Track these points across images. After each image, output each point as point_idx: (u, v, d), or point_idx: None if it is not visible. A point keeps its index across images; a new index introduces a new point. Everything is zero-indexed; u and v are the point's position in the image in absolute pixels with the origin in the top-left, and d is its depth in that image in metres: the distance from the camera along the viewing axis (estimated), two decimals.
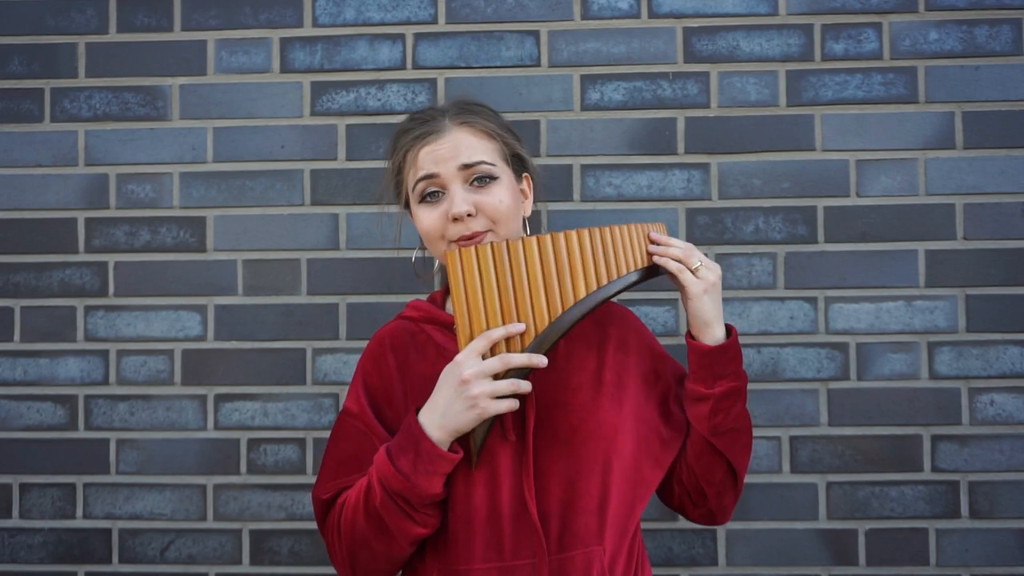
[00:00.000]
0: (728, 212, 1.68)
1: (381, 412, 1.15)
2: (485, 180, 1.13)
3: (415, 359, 1.16)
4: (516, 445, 1.09)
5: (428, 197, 1.14)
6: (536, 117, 1.69)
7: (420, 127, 1.16)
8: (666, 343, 1.46)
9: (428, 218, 1.14)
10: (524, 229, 1.22)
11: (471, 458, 1.07)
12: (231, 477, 1.69)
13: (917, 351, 1.65)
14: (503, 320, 1.05)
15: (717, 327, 1.13)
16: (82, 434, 1.70)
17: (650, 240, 1.14)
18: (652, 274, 1.14)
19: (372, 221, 1.70)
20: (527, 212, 1.23)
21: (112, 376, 1.70)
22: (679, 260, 1.12)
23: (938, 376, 1.65)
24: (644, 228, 1.14)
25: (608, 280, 1.09)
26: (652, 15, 1.70)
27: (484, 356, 1.04)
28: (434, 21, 1.71)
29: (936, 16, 1.67)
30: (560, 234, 1.07)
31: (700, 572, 1.65)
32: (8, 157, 1.73)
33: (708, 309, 1.12)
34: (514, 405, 1.04)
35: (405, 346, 1.18)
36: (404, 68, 1.71)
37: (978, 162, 1.66)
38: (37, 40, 1.74)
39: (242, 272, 1.71)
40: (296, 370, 1.69)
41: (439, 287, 1.29)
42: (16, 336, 1.71)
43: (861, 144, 1.67)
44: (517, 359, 1.03)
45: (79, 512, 1.69)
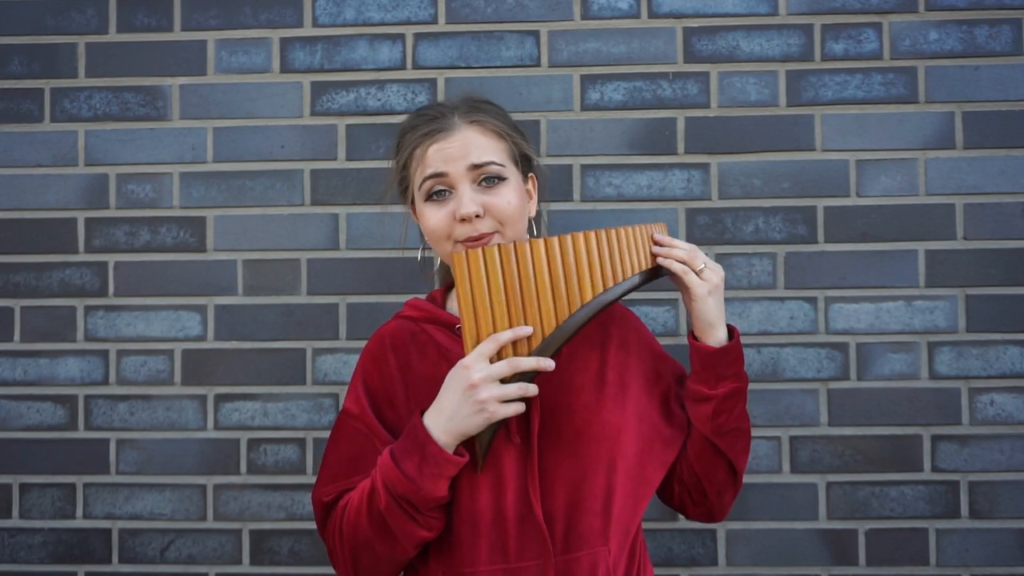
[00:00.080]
0: (728, 212, 1.68)
1: (382, 413, 1.14)
2: (493, 180, 1.12)
3: (416, 360, 1.15)
4: (521, 447, 1.09)
5: (435, 196, 1.13)
6: (536, 117, 1.69)
7: (429, 124, 1.14)
8: (666, 343, 1.46)
9: (435, 217, 1.12)
10: (530, 229, 1.21)
11: (476, 461, 1.07)
12: (231, 477, 1.69)
13: (917, 351, 1.65)
14: (510, 323, 1.04)
15: (720, 328, 1.13)
16: (82, 434, 1.70)
17: (654, 241, 1.14)
18: (655, 275, 1.14)
19: (372, 221, 1.70)
20: (532, 212, 1.22)
21: (112, 376, 1.70)
22: (683, 262, 1.11)
23: (938, 376, 1.65)
24: (648, 229, 1.14)
25: (614, 282, 1.08)
26: (652, 15, 1.70)
27: (491, 359, 1.03)
28: (434, 21, 1.71)
29: (936, 16, 1.67)
30: (567, 236, 1.06)
31: (700, 572, 1.65)
32: (8, 157, 1.73)
33: (712, 311, 1.12)
34: (521, 408, 1.03)
35: (406, 346, 1.17)
36: (404, 68, 1.71)
37: (978, 162, 1.66)
38: (37, 40, 1.74)
39: (242, 272, 1.71)
40: (296, 370, 1.69)
41: (439, 286, 1.28)
42: (16, 336, 1.71)
43: (861, 144, 1.67)
44: (526, 363, 1.02)
45: (79, 512, 1.69)
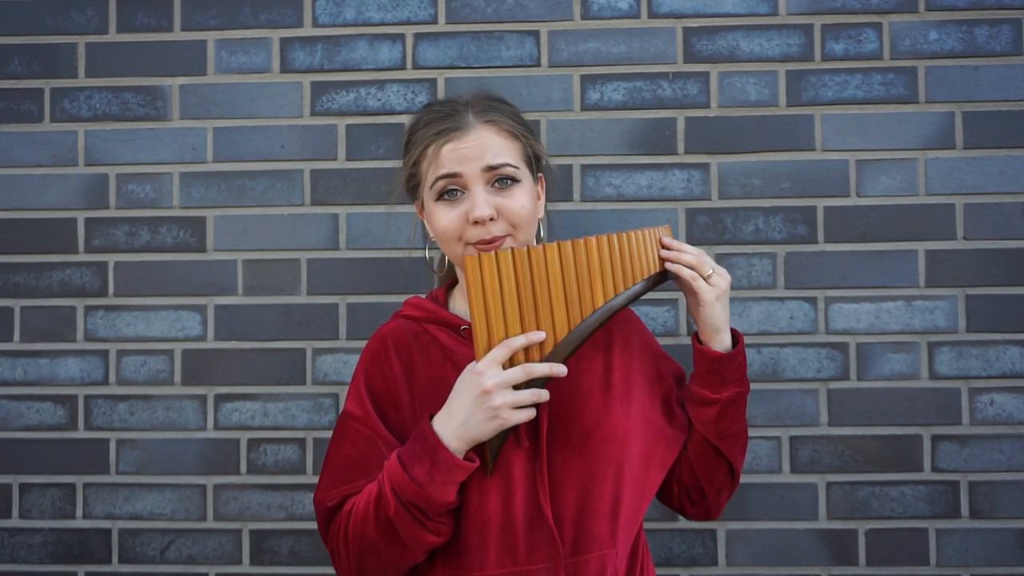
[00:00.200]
0: (728, 212, 1.68)
1: (386, 416, 1.12)
2: (507, 182, 1.10)
3: (420, 361, 1.14)
4: (529, 450, 1.08)
5: (446, 195, 1.10)
6: (536, 117, 1.69)
7: (443, 122, 1.11)
8: (666, 343, 1.46)
9: (446, 218, 1.10)
10: (538, 231, 1.19)
11: (486, 465, 1.06)
12: (231, 477, 1.69)
13: (917, 351, 1.65)
14: (522, 327, 1.03)
15: (726, 333, 1.13)
16: (82, 434, 1.70)
17: (662, 245, 1.13)
18: (662, 279, 1.14)
19: (372, 221, 1.70)
20: (540, 213, 1.20)
21: (112, 376, 1.70)
22: (691, 267, 1.11)
23: (938, 376, 1.65)
24: (655, 233, 1.13)
25: (625, 287, 1.08)
26: (652, 15, 1.70)
27: (503, 365, 1.02)
28: (434, 21, 1.71)
29: (936, 16, 1.67)
30: (580, 241, 1.06)
31: (700, 572, 1.65)
32: (8, 157, 1.73)
33: (719, 316, 1.12)
34: (532, 414, 1.03)
35: (409, 347, 1.15)
36: (404, 68, 1.71)
37: (978, 162, 1.66)
38: (37, 40, 1.74)
39: (242, 272, 1.71)
40: (296, 370, 1.69)
41: (439, 285, 1.27)
42: (16, 336, 1.71)
43: (861, 144, 1.67)
44: (539, 369, 1.01)
45: (79, 512, 1.69)
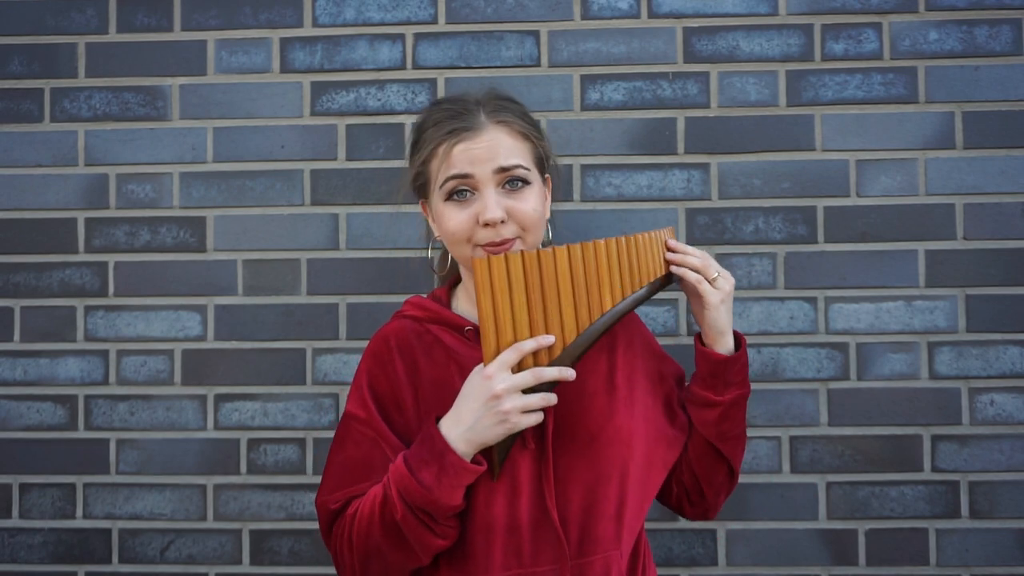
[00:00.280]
0: (728, 212, 1.68)
1: (390, 417, 1.11)
2: (517, 184, 1.09)
3: (424, 362, 1.13)
4: (535, 452, 1.08)
5: (456, 196, 1.09)
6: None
7: (454, 121, 1.10)
8: (666, 343, 1.46)
9: (456, 219, 1.09)
10: (547, 232, 1.18)
11: (493, 468, 1.05)
12: (231, 477, 1.69)
13: (917, 351, 1.65)
14: (531, 331, 1.02)
15: (729, 336, 1.14)
16: (82, 434, 1.70)
17: (667, 248, 1.13)
18: (668, 282, 1.14)
19: (372, 221, 1.70)
20: (547, 214, 1.19)
21: (112, 376, 1.70)
22: (697, 270, 1.11)
23: (938, 376, 1.65)
24: (661, 235, 1.13)
25: (632, 290, 1.08)
26: (652, 15, 1.70)
27: (512, 369, 1.01)
28: (434, 21, 1.71)
29: (936, 16, 1.67)
30: (590, 244, 1.05)
31: (700, 572, 1.65)
32: (8, 157, 1.73)
33: (723, 319, 1.12)
34: (540, 418, 1.03)
35: (412, 348, 1.14)
36: (404, 68, 1.71)
37: (978, 162, 1.66)
38: (37, 40, 1.74)
39: (242, 272, 1.71)
40: (296, 370, 1.69)
41: (440, 284, 1.26)
42: (16, 336, 1.71)
43: (861, 144, 1.67)
44: (549, 373, 1.01)
45: (79, 512, 1.69)
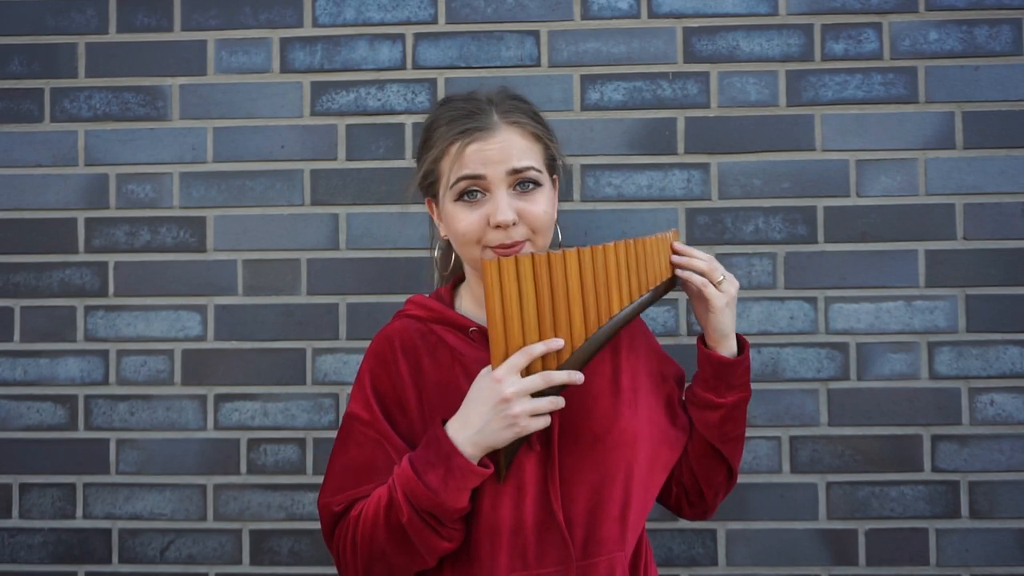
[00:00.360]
0: (728, 212, 1.68)
1: (393, 418, 1.10)
2: (528, 186, 1.08)
3: (428, 363, 1.12)
4: (541, 454, 1.07)
5: (466, 196, 1.08)
6: None
7: (467, 120, 1.08)
8: (666, 343, 1.46)
9: (466, 220, 1.08)
10: (556, 233, 1.17)
11: (499, 471, 1.05)
12: (231, 477, 1.69)
13: (917, 351, 1.65)
14: (540, 334, 1.02)
15: (732, 338, 1.14)
16: (82, 434, 1.70)
17: (673, 251, 1.13)
18: (672, 285, 1.14)
19: (372, 221, 1.70)
20: (555, 215, 1.18)
21: (112, 376, 1.70)
22: (703, 273, 1.11)
23: (938, 376, 1.65)
24: (667, 238, 1.13)
25: (640, 293, 1.08)
26: (652, 15, 1.70)
27: (521, 372, 1.01)
28: (434, 21, 1.71)
29: (936, 16, 1.67)
30: (600, 248, 1.05)
31: (700, 572, 1.65)
32: (8, 157, 1.73)
33: (728, 322, 1.12)
34: (548, 422, 1.02)
35: (416, 349, 1.13)
36: (404, 68, 1.71)
37: (978, 162, 1.66)
38: (37, 40, 1.74)
39: (242, 272, 1.71)
40: (296, 370, 1.69)
41: (441, 284, 1.26)
42: (16, 336, 1.71)
43: (861, 144, 1.67)
44: (558, 377, 1.01)
45: (79, 512, 1.69)
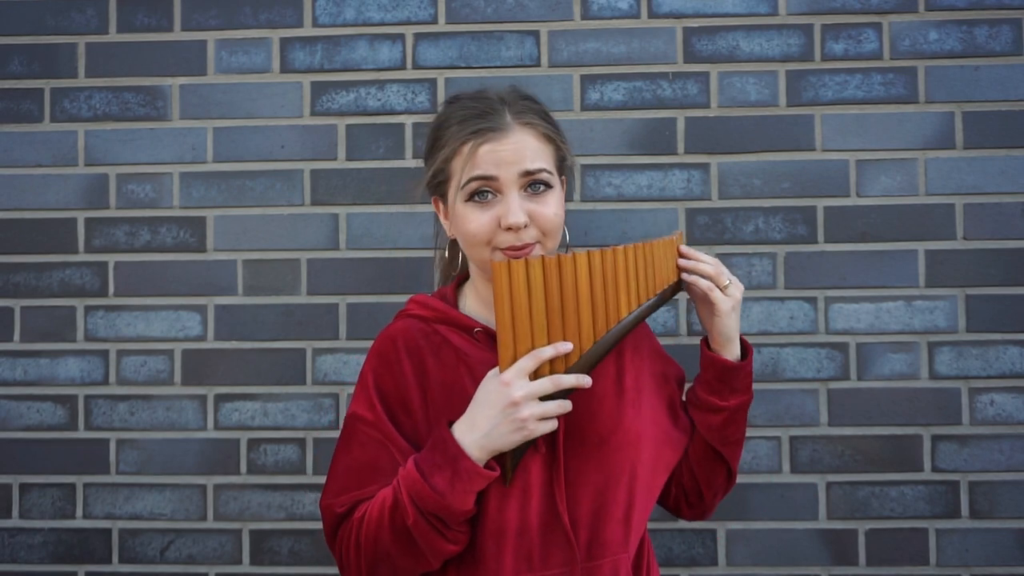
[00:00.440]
0: (728, 212, 1.68)
1: (397, 419, 1.09)
2: (539, 187, 1.07)
3: (433, 364, 1.11)
4: (546, 456, 1.07)
5: (477, 196, 1.07)
6: None
7: (480, 120, 1.07)
8: (666, 343, 1.46)
9: (476, 221, 1.07)
10: (564, 234, 1.15)
11: (505, 474, 1.05)
12: (231, 477, 1.69)
13: (917, 351, 1.65)
14: (549, 338, 1.01)
15: (736, 342, 1.14)
16: (82, 434, 1.70)
17: (680, 254, 1.13)
18: (679, 289, 1.13)
19: (372, 221, 1.70)
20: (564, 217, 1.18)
21: (112, 376, 1.70)
22: (709, 277, 1.11)
23: (938, 376, 1.65)
24: (674, 241, 1.13)
25: (647, 296, 1.07)
26: (652, 15, 1.70)
27: (529, 376, 1.00)
28: (434, 21, 1.71)
29: (936, 16, 1.67)
30: (609, 251, 1.04)
31: (700, 572, 1.65)
32: (8, 157, 1.73)
33: (733, 326, 1.12)
34: (555, 425, 1.02)
35: (420, 349, 1.12)
36: (404, 68, 1.71)
37: (978, 162, 1.66)
38: (37, 40, 1.74)
39: (242, 272, 1.71)
40: (296, 370, 1.69)
41: (442, 284, 1.25)
42: (16, 336, 1.71)
43: (861, 144, 1.67)
44: (567, 380, 1.00)
45: (79, 512, 1.69)
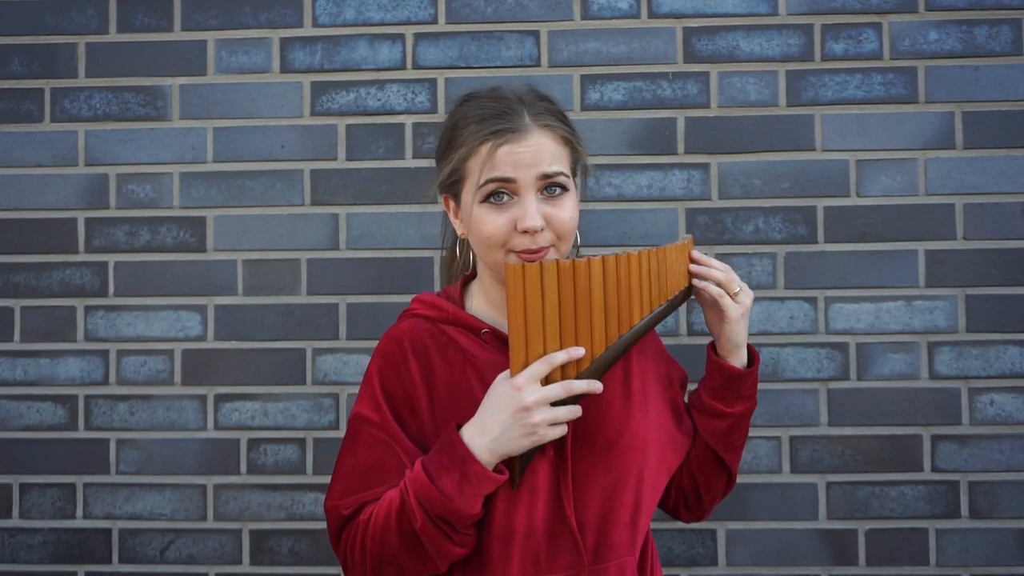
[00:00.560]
0: (728, 212, 1.68)
1: (403, 421, 1.08)
2: (555, 190, 1.06)
3: (439, 364, 1.10)
4: (554, 459, 1.07)
5: (493, 198, 1.05)
6: None
7: (499, 120, 1.05)
8: (667, 343, 1.46)
9: (493, 223, 1.05)
10: (576, 238, 1.14)
11: (514, 478, 1.04)
12: (231, 477, 1.69)
13: (917, 351, 1.65)
14: (561, 342, 1.00)
15: (743, 349, 1.14)
16: (82, 434, 1.70)
17: (691, 259, 1.12)
18: (689, 295, 1.13)
19: (372, 221, 1.70)
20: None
21: (112, 376, 1.70)
22: (720, 283, 1.10)
23: (938, 376, 1.65)
24: (685, 247, 1.13)
25: (659, 302, 1.07)
26: (652, 15, 1.70)
27: (541, 380, 1.00)
28: (434, 21, 1.71)
29: (936, 16, 1.67)
30: (623, 256, 1.04)
31: (700, 572, 1.65)
32: (8, 157, 1.73)
33: (741, 333, 1.12)
34: (565, 430, 1.02)
35: (427, 349, 1.10)
36: (404, 68, 1.71)
37: (978, 162, 1.66)
38: (37, 40, 1.74)
39: (242, 272, 1.71)
40: (296, 370, 1.69)
41: (445, 284, 1.24)
42: (16, 336, 1.71)
43: (861, 144, 1.67)
44: (579, 386, 1.00)
45: (79, 512, 1.69)
